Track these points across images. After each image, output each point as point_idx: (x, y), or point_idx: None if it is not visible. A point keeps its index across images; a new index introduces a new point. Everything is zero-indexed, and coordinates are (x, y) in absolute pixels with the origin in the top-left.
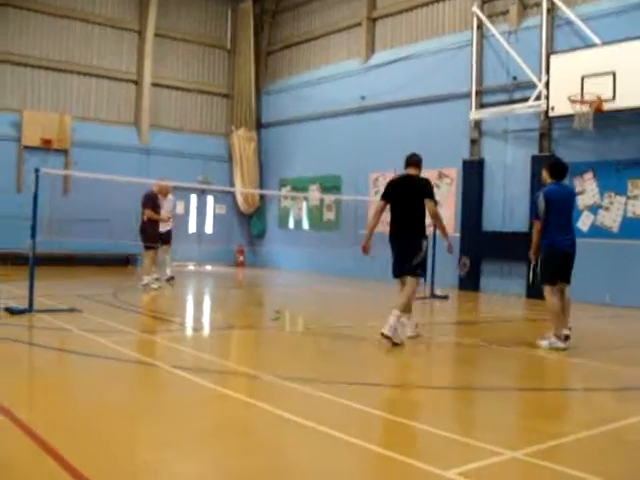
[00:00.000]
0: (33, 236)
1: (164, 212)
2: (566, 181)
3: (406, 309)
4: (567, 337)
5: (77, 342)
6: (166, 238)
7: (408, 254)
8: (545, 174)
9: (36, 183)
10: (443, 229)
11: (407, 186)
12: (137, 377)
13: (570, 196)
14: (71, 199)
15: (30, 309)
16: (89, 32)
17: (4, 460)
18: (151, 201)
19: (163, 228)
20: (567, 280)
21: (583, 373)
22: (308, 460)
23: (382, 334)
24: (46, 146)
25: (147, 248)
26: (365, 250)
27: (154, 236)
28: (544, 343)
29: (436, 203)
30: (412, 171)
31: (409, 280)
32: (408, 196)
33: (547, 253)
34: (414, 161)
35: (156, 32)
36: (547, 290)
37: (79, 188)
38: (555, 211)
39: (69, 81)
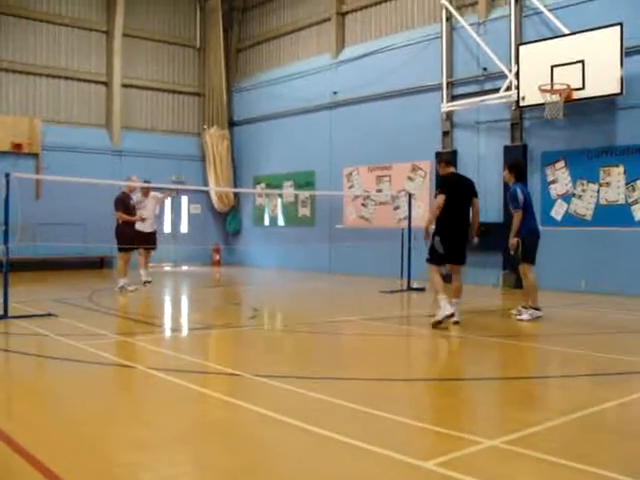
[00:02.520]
0: (6, 242)
1: (145, 212)
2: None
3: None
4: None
5: (54, 347)
6: (152, 241)
7: (462, 245)
8: (509, 176)
9: (7, 188)
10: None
11: (463, 184)
12: (115, 380)
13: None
14: (43, 203)
15: (5, 315)
16: (56, 33)
17: None
18: (122, 203)
19: (147, 229)
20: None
21: (559, 360)
22: (289, 457)
23: (455, 322)
24: (16, 150)
25: (121, 250)
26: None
27: (129, 238)
28: (525, 317)
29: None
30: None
31: (460, 270)
32: (464, 193)
33: (529, 237)
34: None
35: (124, 32)
36: (528, 268)
37: (51, 192)
38: (529, 203)
39: (38, 84)
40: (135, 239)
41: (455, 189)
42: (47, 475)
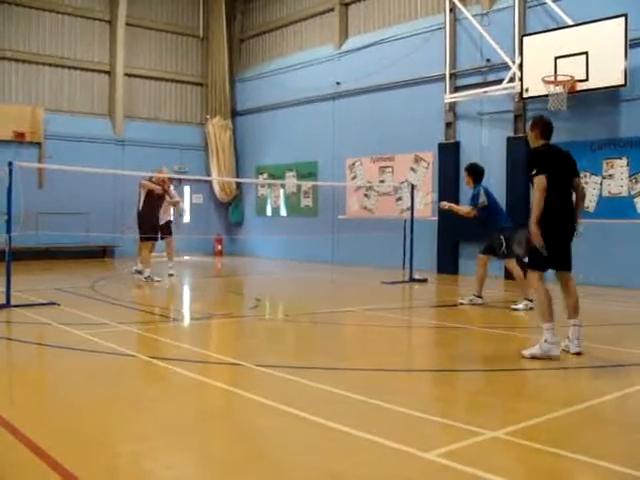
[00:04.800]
0: (9, 231)
1: (171, 199)
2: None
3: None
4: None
5: (56, 336)
6: (167, 230)
7: (569, 244)
8: (468, 179)
9: (10, 177)
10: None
11: (567, 161)
12: (117, 369)
13: None
14: (46, 192)
15: (7, 304)
16: (59, 23)
17: None
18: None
19: (163, 219)
20: None
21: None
22: (290, 447)
23: (577, 352)
24: (19, 139)
25: (143, 239)
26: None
27: (151, 227)
28: (520, 306)
29: None
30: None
31: (570, 276)
32: (569, 172)
33: (503, 233)
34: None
35: (127, 21)
36: (486, 260)
37: (54, 181)
38: (494, 202)
39: (40, 73)
40: (157, 228)
41: (558, 167)
42: (48, 462)
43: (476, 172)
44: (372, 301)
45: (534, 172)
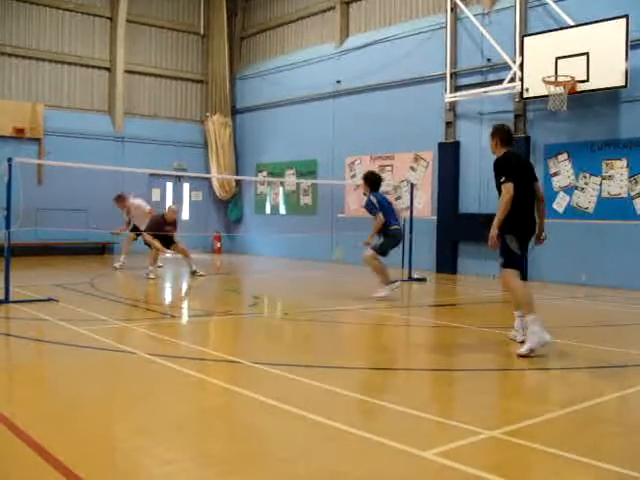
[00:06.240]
0: (8, 226)
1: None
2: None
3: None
4: None
5: (55, 332)
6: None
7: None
8: (365, 187)
9: (9, 173)
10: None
11: (527, 166)
12: (116, 365)
13: None
14: (45, 188)
15: (6, 300)
16: (60, 19)
17: None
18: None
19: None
20: None
21: (559, 352)
22: (288, 445)
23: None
24: (19, 135)
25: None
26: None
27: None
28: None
29: None
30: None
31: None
32: (529, 177)
33: (391, 236)
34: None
35: (128, 18)
36: (374, 256)
37: (53, 177)
38: (387, 207)
39: (41, 69)
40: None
41: (520, 173)
42: (48, 458)
43: (372, 181)
44: (371, 300)
45: (502, 179)
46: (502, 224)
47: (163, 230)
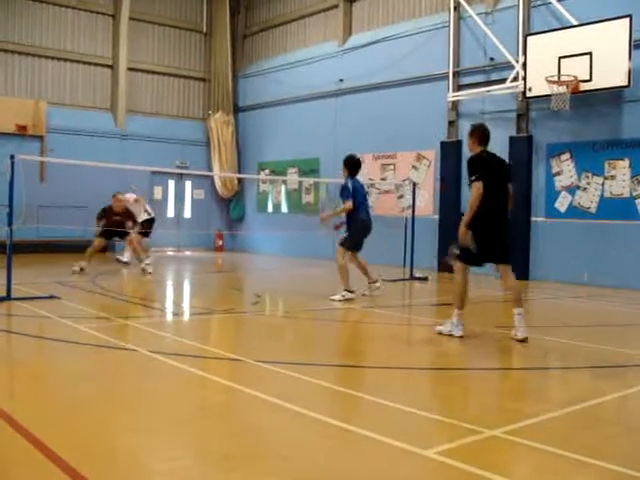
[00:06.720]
0: (10, 223)
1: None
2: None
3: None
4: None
5: (56, 329)
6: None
7: (503, 241)
8: (344, 170)
9: (12, 170)
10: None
11: (502, 167)
12: (117, 363)
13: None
14: (48, 186)
15: (8, 297)
16: (62, 16)
17: None
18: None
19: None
20: None
21: (560, 352)
22: (289, 442)
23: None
24: (21, 132)
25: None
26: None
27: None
28: (337, 297)
29: None
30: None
31: (509, 270)
32: (503, 177)
33: (359, 226)
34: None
35: (131, 16)
36: (343, 253)
37: (55, 175)
38: (361, 195)
39: (43, 66)
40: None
41: (493, 173)
42: (48, 455)
43: (350, 165)
44: (372, 298)
45: (473, 178)
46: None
47: (112, 220)
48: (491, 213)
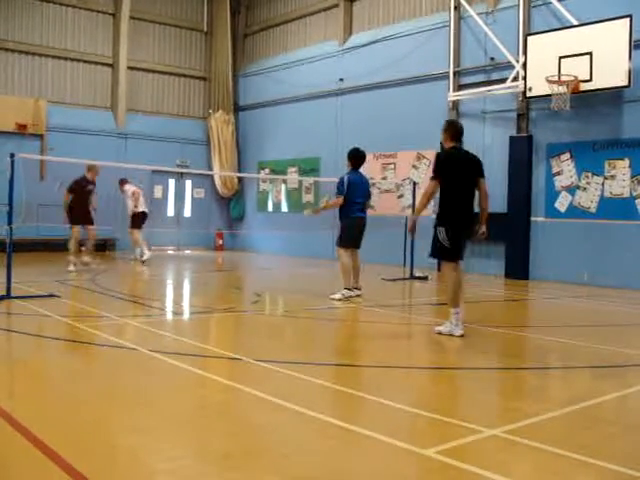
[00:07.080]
0: (10, 222)
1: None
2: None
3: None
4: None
5: (56, 328)
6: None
7: (468, 238)
8: (348, 163)
9: (12, 168)
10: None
11: (472, 162)
12: (116, 362)
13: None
14: (47, 184)
15: (7, 295)
16: (63, 15)
17: None
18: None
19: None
20: None
21: (560, 351)
22: (288, 441)
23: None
24: (21, 131)
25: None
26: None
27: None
28: (337, 296)
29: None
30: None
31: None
32: (469, 173)
33: (353, 223)
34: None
35: (131, 15)
36: (343, 252)
37: (55, 173)
38: (356, 190)
39: (43, 65)
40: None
41: (457, 168)
42: (47, 454)
43: (355, 159)
44: (372, 298)
45: (431, 176)
46: (437, 217)
47: (85, 189)
48: (458, 209)
